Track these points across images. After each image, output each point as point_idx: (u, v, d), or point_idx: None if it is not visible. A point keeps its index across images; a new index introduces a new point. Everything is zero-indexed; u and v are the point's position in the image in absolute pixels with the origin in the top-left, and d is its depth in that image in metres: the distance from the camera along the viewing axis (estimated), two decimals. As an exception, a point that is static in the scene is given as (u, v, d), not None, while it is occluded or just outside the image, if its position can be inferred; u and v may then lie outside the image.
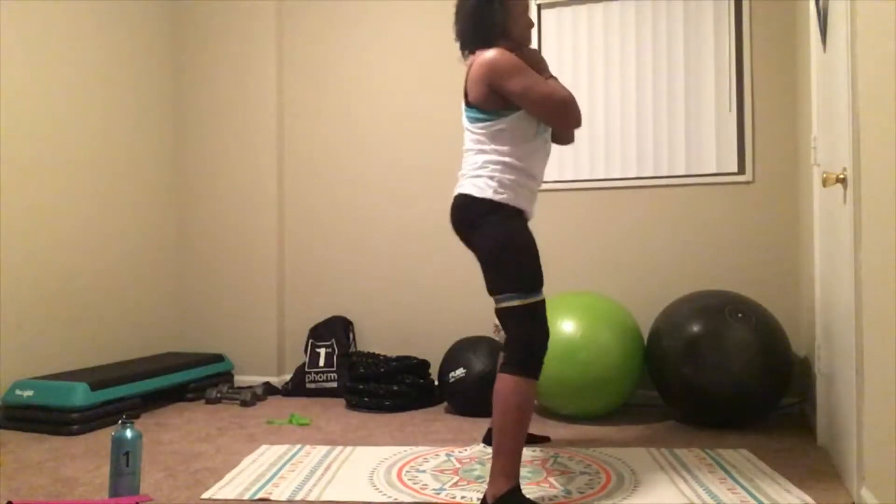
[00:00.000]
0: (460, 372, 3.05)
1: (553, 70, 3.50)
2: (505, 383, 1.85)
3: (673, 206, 3.34)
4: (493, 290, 1.95)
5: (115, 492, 1.89)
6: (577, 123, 2.04)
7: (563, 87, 2.01)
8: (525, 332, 1.89)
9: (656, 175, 3.37)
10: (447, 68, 3.65)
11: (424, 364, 3.36)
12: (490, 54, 1.95)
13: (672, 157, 3.35)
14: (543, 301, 1.93)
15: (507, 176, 1.96)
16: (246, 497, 2.00)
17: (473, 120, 2.03)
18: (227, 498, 2.00)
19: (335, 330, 3.64)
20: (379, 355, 3.43)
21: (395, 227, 3.72)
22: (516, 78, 1.92)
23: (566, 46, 3.49)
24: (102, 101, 3.47)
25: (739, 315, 2.70)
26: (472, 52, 2.08)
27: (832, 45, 2.19)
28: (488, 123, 1.99)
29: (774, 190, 3.22)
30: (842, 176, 1.98)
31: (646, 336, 3.05)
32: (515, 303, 1.89)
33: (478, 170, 2.00)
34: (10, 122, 2.96)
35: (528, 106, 1.94)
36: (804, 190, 2.98)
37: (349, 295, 3.77)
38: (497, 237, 1.94)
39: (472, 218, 1.99)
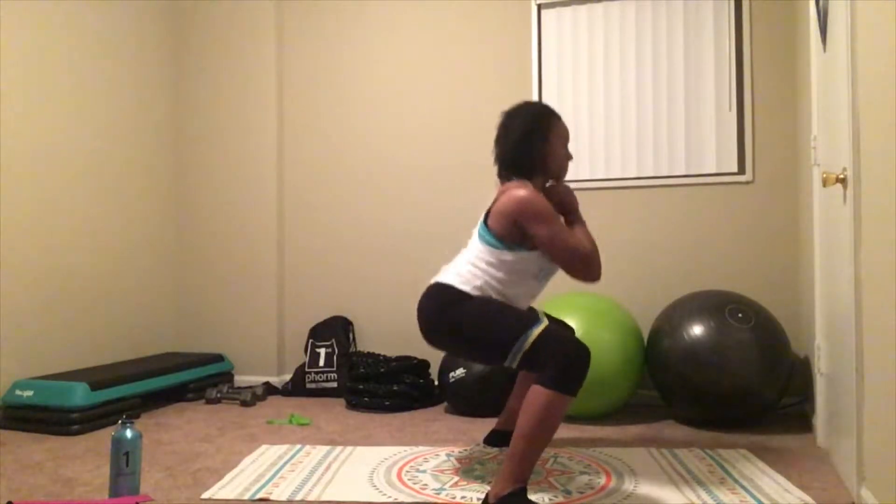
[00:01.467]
0: (460, 372, 3.05)
1: (553, 70, 3.50)
2: (537, 395, 1.82)
3: (673, 206, 3.34)
4: (500, 356, 1.95)
5: (115, 492, 1.89)
6: (596, 277, 2.05)
7: (588, 238, 2.06)
8: (553, 355, 1.85)
9: (656, 175, 3.37)
10: (448, 68, 3.65)
11: (424, 364, 3.35)
12: (521, 194, 1.98)
13: (672, 157, 3.35)
14: (546, 328, 1.90)
15: (490, 292, 2.04)
16: (246, 497, 2.00)
17: (484, 240, 2.07)
18: (227, 498, 1.99)
19: (335, 330, 3.64)
20: (379, 355, 3.43)
21: (395, 227, 3.72)
22: (543, 224, 1.96)
23: (566, 46, 3.49)
24: (102, 102, 3.47)
25: (739, 315, 2.70)
26: (508, 177, 2.12)
27: (832, 45, 2.19)
28: (496, 250, 2.04)
29: (774, 190, 3.22)
30: (842, 176, 1.98)
31: (646, 336, 3.05)
32: (526, 346, 1.89)
33: (463, 274, 2.06)
34: (9, 122, 2.96)
35: (551, 254, 1.99)
36: (804, 190, 2.98)
37: (349, 295, 3.77)
38: (467, 313, 1.99)
39: (441, 305, 2.03)
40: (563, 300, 2.94)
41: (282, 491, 2.05)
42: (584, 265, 2.01)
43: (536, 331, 1.89)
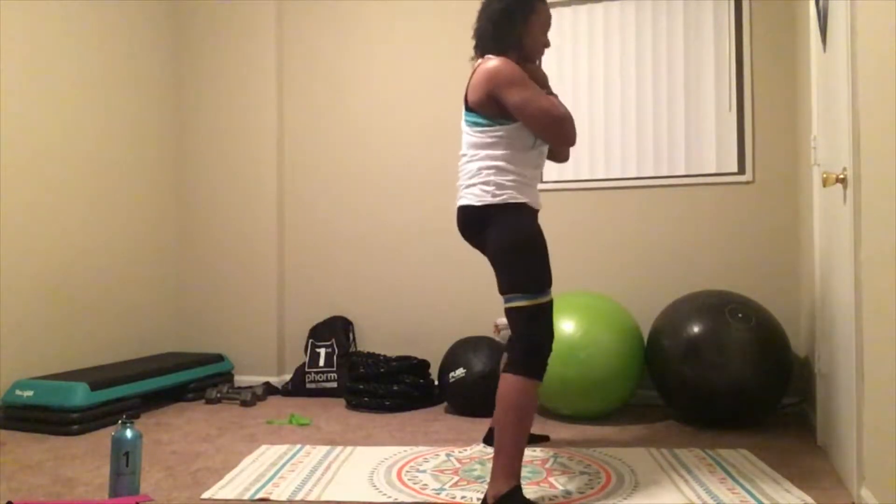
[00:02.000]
0: (460, 372, 3.05)
1: (554, 70, 3.50)
2: (508, 383, 1.86)
3: (673, 206, 3.34)
4: (501, 289, 1.96)
5: (115, 492, 1.89)
6: (571, 142, 2.03)
7: (562, 104, 2.02)
8: (530, 332, 1.89)
9: (656, 175, 3.37)
10: (448, 67, 3.65)
11: (424, 364, 3.35)
12: (494, 62, 1.96)
13: (672, 157, 3.35)
14: (550, 302, 1.93)
15: (502, 178, 1.97)
16: (246, 497, 2.00)
17: (472, 124, 2.03)
18: (227, 498, 2.00)
19: (335, 330, 3.64)
20: (379, 355, 3.43)
21: (395, 227, 3.72)
22: (516, 89, 1.93)
23: (566, 46, 3.49)
24: (102, 101, 3.47)
25: (739, 315, 2.69)
26: (483, 54, 2.08)
27: (832, 45, 2.19)
28: (486, 129, 1.99)
29: (774, 190, 3.22)
30: (842, 176, 1.98)
31: (646, 336, 3.05)
32: (522, 303, 1.90)
33: (472, 178, 2.01)
34: (10, 122, 2.96)
35: (524, 118, 1.95)
36: (804, 190, 2.98)
37: (349, 295, 3.77)
38: (505, 237, 1.94)
39: (478, 225, 2.01)
40: (563, 300, 2.94)
41: (282, 491, 2.05)
42: (559, 126, 1.96)
43: (538, 300, 1.90)
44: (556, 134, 1.98)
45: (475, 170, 2.00)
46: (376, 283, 3.73)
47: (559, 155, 2.23)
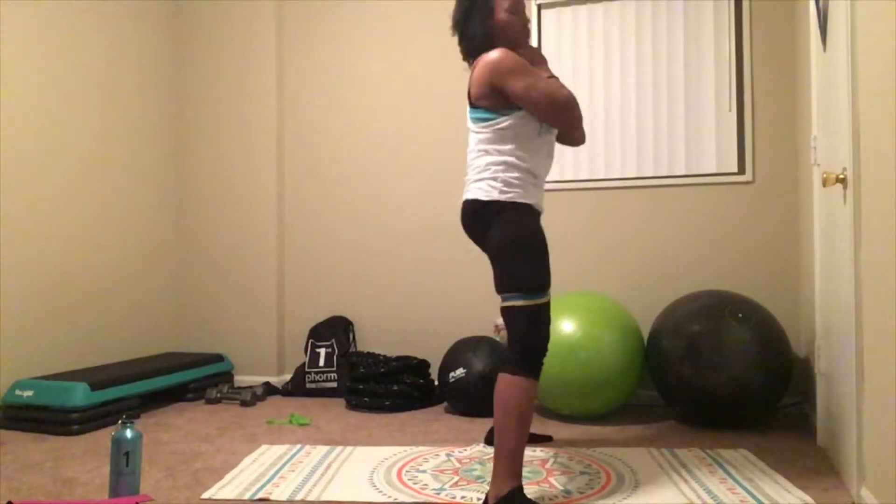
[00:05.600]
0: (460, 372, 3.05)
1: (554, 70, 3.50)
2: (505, 383, 1.86)
3: (673, 206, 3.34)
4: (499, 287, 1.96)
5: (115, 492, 1.89)
6: (577, 124, 2.04)
7: (564, 87, 2.01)
8: (527, 332, 1.90)
9: (656, 175, 3.37)
10: (448, 68, 3.65)
11: (424, 364, 3.35)
12: (493, 54, 1.96)
13: (672, 157, 3.35)
14: (548, 303, 1.93)
15: (511, 174, 1.96)
16: (246, 497, 2.00)
17: (477, 120, 2.03)
18: (227, 498, 2.00)
19: (335, 330, 3.64)
20: (379, 355, 3.43)
21: (395, 227, 3.72)
22: (518, 77, 1.93)
23: (566, 46, 3.50)
24: (102, 101, 3.47)
25: (739, 315, 2.69)
26: (475, 58, 2.09)
27: (832, 45, 2.19)
28: (491, 122, 1.99)
29: (774, 190, 3.22)
30: (842, 176, 1.98)
31: (646, 336, 3.05)
32: (520, 303, 1.90)
33: (481, 173, 2.00)
34: (9, 122, 2.96)
35: (529, 105, 1.94)
36: (804, 190, 2.98)
37: (349, 295, 3.77)
38: (507, 236, 1.94)
39: (482, 221, 2.00)
40: (563, 300, 2.94)
41: (282, 491, 2.05)
42: (563, 110, 1.96)
43: (536, 300, 1.90)
44: (561, 117, 1.99)
45: (483, 165, 2.00)
46: (376, 283, 3.73)
47: (571, 138, 2.20)
